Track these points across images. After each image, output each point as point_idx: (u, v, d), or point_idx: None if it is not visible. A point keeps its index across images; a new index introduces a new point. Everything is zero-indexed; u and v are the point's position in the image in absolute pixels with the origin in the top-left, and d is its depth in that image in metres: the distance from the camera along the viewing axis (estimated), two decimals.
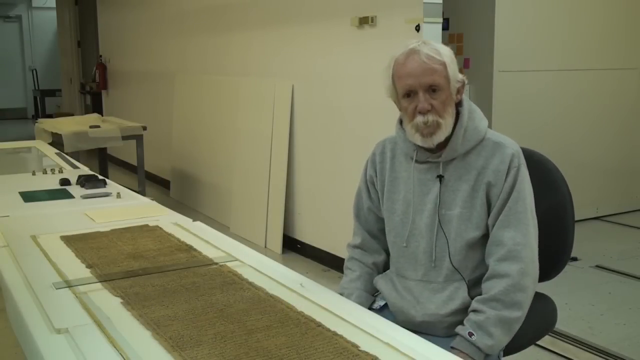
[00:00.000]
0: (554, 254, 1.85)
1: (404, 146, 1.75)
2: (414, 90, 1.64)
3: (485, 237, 1.66)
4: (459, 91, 1.69)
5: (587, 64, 5.06)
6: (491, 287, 1.60)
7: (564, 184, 1.86)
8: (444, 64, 1.63)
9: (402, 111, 1.72)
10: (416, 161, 1.72)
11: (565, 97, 4.99)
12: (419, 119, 1.64)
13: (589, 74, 5.08)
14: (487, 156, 1.66)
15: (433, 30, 3.25)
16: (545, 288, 1.90)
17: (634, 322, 3.26)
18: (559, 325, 2.10)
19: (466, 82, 1.70)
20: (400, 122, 1.76)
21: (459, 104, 1.70)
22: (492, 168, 1.64)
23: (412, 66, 1.63)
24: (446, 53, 1.66)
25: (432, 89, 1.63)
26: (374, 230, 1.86)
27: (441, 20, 3.29)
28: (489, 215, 1.65)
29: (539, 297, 1.94)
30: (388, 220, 1.79)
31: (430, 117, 1.63)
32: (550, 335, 2.90)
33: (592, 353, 2.90)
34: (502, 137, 1.70)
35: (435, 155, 1.70)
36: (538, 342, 2.89)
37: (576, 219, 1.90)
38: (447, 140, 1.67)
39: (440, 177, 1.69)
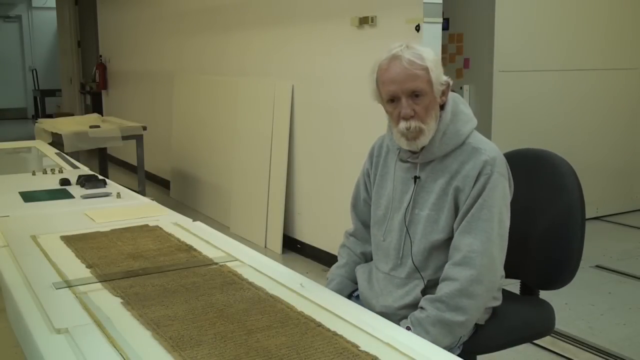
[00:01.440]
0: (557, 260, 1.85)
1: (391, 144, 1.80)
2: (397, 96, 1.65)
3: (450, 240, 1.67)
4: (444, 93, 1.69)
5: (587, 64, 5.05)
6: (440, 289, 1.63)
7: (575, 190, 1.83)
8: (426, 69, 1.63)
9: (387, 115, 1.74)
10: (400, 160, 1.76)
11: (565, 97, 4.99)
12: (402, 124, 1.65)
13: (590, 74, 5.08)
14: (462, 160, 1.66)
15: (433, 30, 3.25)
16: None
17: (634, 322, 3.26)
18: (559, 325, 2.10)
19: (451, 82, 1.70)
20: None
21: (442, 106, 1.70)
22: (464, 173, 1.65)
23: (395, 72, 1.64)
24: (429, 57, 1.65)
25: (414, 95, 1.64)
26: (368, 220, 1.90)
27: (441, 20, 3.29)
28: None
29: (537, 302, 1.95)
30: (373, 213, 1.84)
31: (413, 123, 1.64)
32: (550, 335, 2.90)
33: (592, 353, 2.90)
34: (484, 143, 1.69)
35: (415, 156, 1.72)
36: (538, 342, 2.90)
37: None
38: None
39: (416, 178, 1.71)
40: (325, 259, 4.18)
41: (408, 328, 1.60)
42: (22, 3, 14.62)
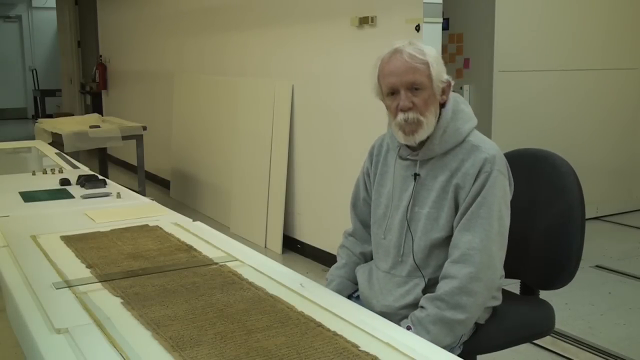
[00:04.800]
0: (556, 260, 1.85)
1: (391, 142, 1.80)
2: (396, 89, 1.67)
3: (451, 238, 1.67)
4: (444, 91, 1.69)
5: (587, 64, 5.05)
6: (439, 287, 1.63)
7: (575, 190, 1.83)
8: (426, 64, 1.65)
9: (387, 109, 1.74)
10: (399, 157, 1.76)
11: (565, 97, 4.99)
12: (400, 116, 1.66)
13: (590, 74, 5.08)
14: (462, 158, 1.67)
15: (433, 30, 3.25)
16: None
17: (634, 322, 3.26)
18: (559, 325, 2.10)
19: (452, 82, 1.71)
20: None
21: (443, 105, 1.70)
22: (463, 171, 1.65)
23: (395, 65, 1.67)
24: (431, 53, 1.67)
25: (414, 88, 1.65)
26: (367, 220, 1.90)
27: (441, 20, 3.29)
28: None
29: (537, 302, 1.95)
30: (373, 212, 1.85)
31: (411, 115, 1.65)
32: (550, 335, 2.90)
33: (592, 353, 2.90)
34: (484, 141, 1.69)
35: (415, 154, 1.72)
36: (538, 342, 2.90)
37: None
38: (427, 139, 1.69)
39: (416, 175, 1.72)
40: (325, 259, 4.18)
41: (409, 328, 1.60)
42: (22, 3, 14.62)
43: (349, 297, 1.85)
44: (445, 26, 4.68)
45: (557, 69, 4.90)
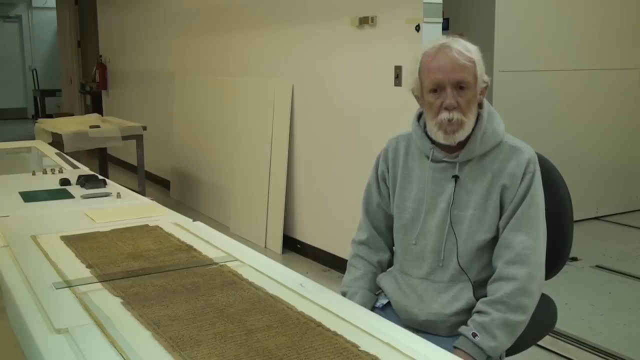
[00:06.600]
0: (553, 254, 1.85)
1: (420, 144, 1.74)
2: (442, 86, 1.63)
3: (494, 239, 1.66)
4: (482, 92, 1.68)
5: (587, 64, 5.06)
6: (497, 290, 1.59)
7: (563, 184, 1.86)
8: (473, 62, 1.64)
9: (425, 106, 1.70)
10: (432, 160, 1.71)
11: (565, 97, 4.99)
12: (444, 115, 1.63)
13: (589, 74, 5.08)
14: (503, 159, 1.66)
15: (433, 30, 3.24)
16: (546, 288, 1.89)
17: (634, 322, 3.26)
18: (559, 325, 2.10)
19: (489, 83, 1.70)
20: (418, 118, 1.76)
21: (479, 105, 1.69)
22: (508, 171, 1.64)
23: (443, 61, 1.63)
24: (476, 52, 1.66)
25: (460, 86, 1.62)
26: (382, 227, 1.85)
27: (441, 20, 3.29)
28: (500, 218, 1.65)
29: (541, 298, 1.95)
30: (398, 217, 1.78)
31: (455, 115, 1.62)
32: (550, 335, 2.90)
33: (592, 353, 2.90)
34: (519, 142, 1.70)
35: (452, 155, 1.69)
36: (538, 342, 2.89)
37: (576, 219, 1.90)
38: (465, 140, 1.66)
39: (456, 178, 1.68)
40: (325, 259, 4.18)
41: (474, 334, 1.57)
42: (22, 3, 14.62)
43: (372, 308, 1.78)
44: (445, 26, 4.67)
45: (557, 69, 4.90)
